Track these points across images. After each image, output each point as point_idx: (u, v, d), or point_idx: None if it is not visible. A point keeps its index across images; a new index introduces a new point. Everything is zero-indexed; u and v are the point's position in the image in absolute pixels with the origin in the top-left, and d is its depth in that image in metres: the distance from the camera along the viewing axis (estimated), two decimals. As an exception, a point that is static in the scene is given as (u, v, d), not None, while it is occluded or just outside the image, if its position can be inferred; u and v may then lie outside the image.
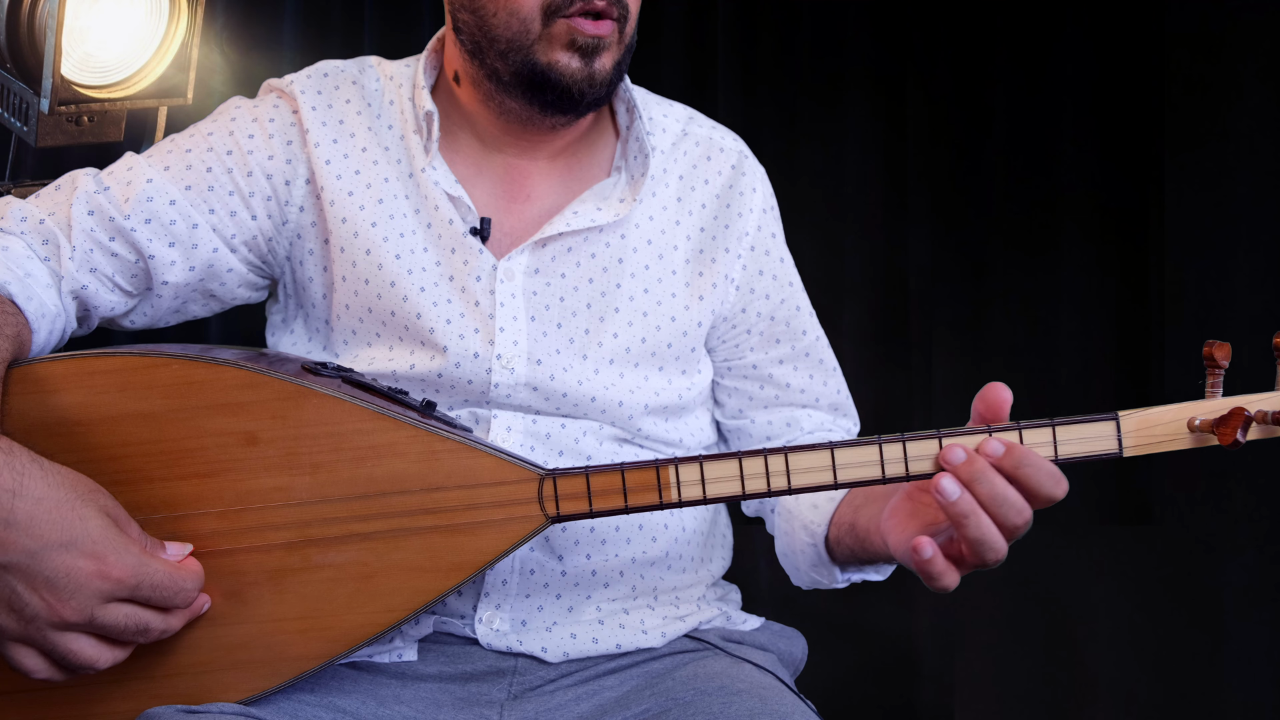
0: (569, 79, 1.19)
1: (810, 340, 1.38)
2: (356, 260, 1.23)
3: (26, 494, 0.96)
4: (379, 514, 1.05)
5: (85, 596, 0.97)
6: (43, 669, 1.00)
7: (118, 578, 0.97)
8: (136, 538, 1.01)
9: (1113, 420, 1.03)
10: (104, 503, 1.00)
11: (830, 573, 1.27)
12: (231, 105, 1.28)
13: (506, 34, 1.19)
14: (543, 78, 1.19)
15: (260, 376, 1.05)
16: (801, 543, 1.28)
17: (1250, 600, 2.24)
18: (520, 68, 1.20)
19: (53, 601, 0.96)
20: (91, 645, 0.99)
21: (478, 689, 1.17)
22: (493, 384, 1.21)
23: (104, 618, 0.98)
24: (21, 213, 1.17)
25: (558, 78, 1.19)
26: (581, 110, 1.23)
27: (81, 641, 0.99)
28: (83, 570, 0.96)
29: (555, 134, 1.27)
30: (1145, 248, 2.30)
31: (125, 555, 0.98)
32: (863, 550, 1.19)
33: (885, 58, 2.39)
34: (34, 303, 1.12)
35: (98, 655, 0.99)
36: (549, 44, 1.18)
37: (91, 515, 0.98)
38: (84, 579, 0.96)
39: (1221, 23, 2.26)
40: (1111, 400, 2.30)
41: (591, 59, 1.19)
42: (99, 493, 1.00)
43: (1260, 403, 1.03)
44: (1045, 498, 1.01)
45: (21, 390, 1.04)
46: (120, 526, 1.00)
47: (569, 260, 1.25)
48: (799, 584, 1.35)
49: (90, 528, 0.97)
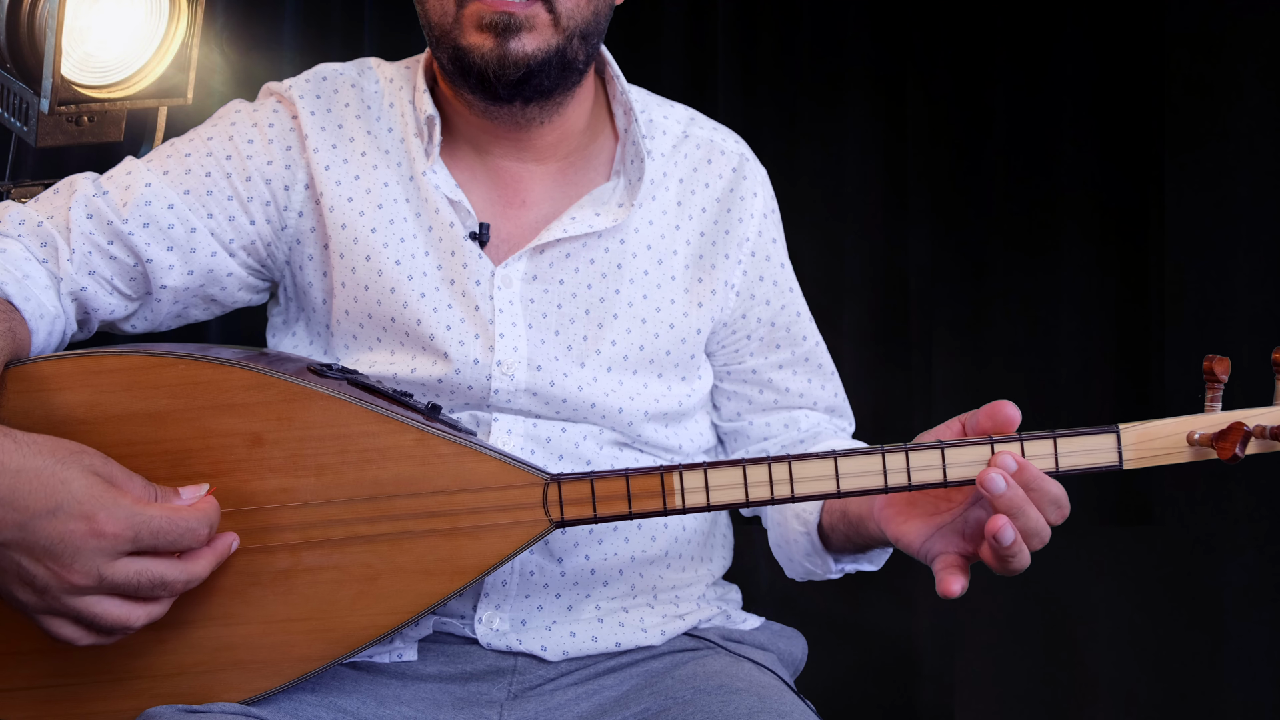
0: (480, 61, 1.16)
1: (810, 345, 1.38)
2: (356, 266, 1.23)
3: (4, 469, 0.94)
4: (384, 516, 1.05)
5: (86, 558, 0.96)
6: (81, 635, 0.99)
7: (113, 532, 0.96)
8: (137, 490, 1.00)
9: (1113, 433, 1.04)
10: (90, 462, 0.98)
11: (824, 562, 1.28)
12: (231, 110, 1.28)
13: (435, 20, 1.19)
14: (464, 62, 1.18)
15: (266, 378, 1.05)
16: (795, 532, 1.28)
17: (1250, 600, 2.24)
18: (451, 55, 1.19)
19: (57, 569, 0.96)
20: (116, 605, 0.98)
21: (478, 689, 1.17)
22: (493, 389, 1.21)
23: (113, 575, 0.97)
24: (20, 216, 1.17)
25: (471, 60, 1.17)
26: (509, 94, 1.19)
27: (105, 603, 0.98)
28: (76, 532, 0.95)
29: (529, 132, 1.25)
30: (1145, 248, 2.30)
31: (115, 509, 0.96)
32: (857, 535, 1.20)
33: (885, 58, 2.39)
34: (32, 303, 1.11)
35: (126, 613, 0.98)
36: (464, 26, 1.17)
37: (74, 477, 0.96)
38: (79, 540, 0.95)
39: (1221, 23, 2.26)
40: (1111, 400, 2.31)
41: (505, 38, 1.15)
42: (83, 453, 0.98)
43: (1259, 417, 1.05)
44: (1047, 519, 1.04)
45: (25, 389, 1.04)
46: (113, 483, 0.98)
47: (567, 266, 1.25)
48: (792, 575, 1.35)
49: (74, 489, 0.96)
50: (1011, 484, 1.01)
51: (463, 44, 1.17)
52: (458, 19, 1.17)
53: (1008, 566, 1.02)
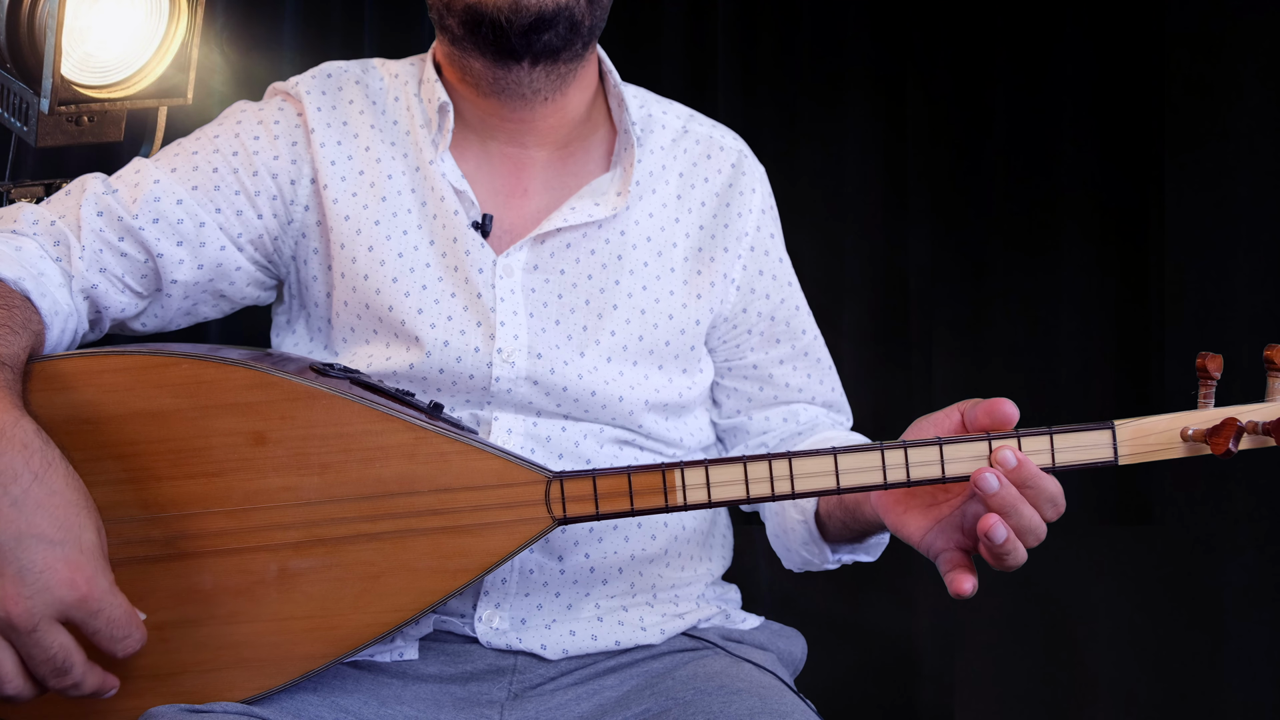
0: (494, 9, 1.16)
1: (809, 340, 1.39)
2: (358, 256, 1.23)
3: (46, 483, 0.96)
4: (386, 515, 1.06)
5: (44, 602, 0.95)
6: None
7: (85, 594, 0.96)
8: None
9: (1109, 429, 1.05)
10: (99, 523, 1.00)
11: (821, 551, 1.28)
12: (237, 109, 1.29)
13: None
14: (476, 15, 1.18)
15: (269, 377, 1.06)
16: (792, 520, 1.28)
17: (1250, 600, 2.24)
18: (462, 14, 1.19)
19: (11, 592, 0.95)
20: (11, 662, 0.97)
21: (478, 689, 1.18)
22: (494, 378, 1.21)
23: (44, 636, 0.95)
24: (33, 216, 1.19)
25: (484, 10, 1.17)
26: (527, 48, 1.19)
27: (4, 653, 0.96)
28: (57, 573, 0.95)
29: (533, 109, 1.25)
30: (1145, 248, 2.31)
31: (100, 578, 0.98)
32: (853, 520, 1.20)
33: (885, 58, 2.39)
34: (48, 300, 1.13)
35: (11, 676, 0.97)
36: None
37: (90, 529, 0.98)
38: (54, 582, 0.95)
39: (1221, 23, 2.26)
40: (1111, 400, 2.31)
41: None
42: (96, 512, 1.00)
43: (1252, 413, 1.06)
44: (1043, 516, 1.04)
45: (30, 387, 1.05)
46: (105, 556, 0.99)
47: (568, 256, 1.26)
48: (790, 566, 1.36)
49: (85, 537, 0.97)
50: (1005, 483, 1.01)
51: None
52: None
53: (1003, 563, 1.03)
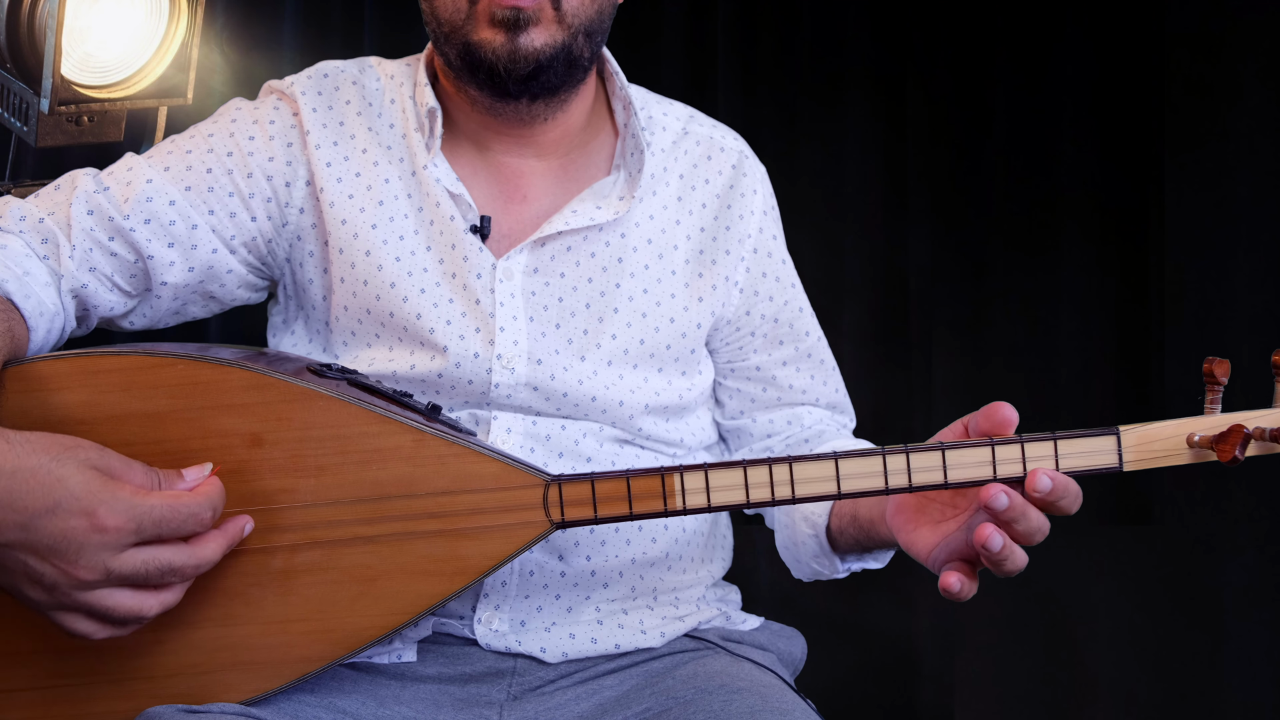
0: (492, 56, 1.17)
1: (812, 341, 1.39)
2: (356, 262, 1.23)
3: (2, 472, 0.94)
4: (384, 517, 1.05)
5: (91, 553, 0.95)
6: (96, 629, 0.98)
7: (113, 526, 0.95)
8: (137, 478, 0.99)
9: (1113, 435, 1.04)
10: (86, 456, 0.97)
11: (832, 563, 1.28)
12: (232, 106, 1.28)
13: (445, 16, 1.20)
14: (474, 57, 1.19)
15: (265, 378, 1.05)
16: (803, 534, 1.28)
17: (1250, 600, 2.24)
18: (461, 51, 1.20)
19: (64, 566, 0.95)
20: (128, 595, 0.97)
21: (477, 690, 1.17)
22: (493, 384, 1.21)
23: (120, 568, 0.96)
24: (21, 212, 1.17)
25: (483, 55, 1.18)
26: (518, 89, 1.20)
27: (116, 595, 0.97)
28: (77, 529, 0.94)
29: (532, 128, 1.25)
30: (1145, 248, 2.30)
31: (115, 503, 0.96)
32: (867, 539, 1.20)
33: (885, 58, 2.39)
34: (32, 301, 1.11)
35: (139, 603, 0.98)
36: (476, 22, 1.18)
37: (71, 473, 0.95)
38: (81, 537, 0.95)
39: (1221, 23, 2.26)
40: (1111, 401, 2.31)
41: (515, 33, 1.17)
42: (79, 447, 0.97)
43: (1259, 420, 1.04)
44: (1063, 512, 1.03)
45: (24, 388, 1.04)
46: (111, 474, 0.97)
47: (568, 260, 1.25)
48: (799, 576, 1.36)
49: (72, 486, 0.95)
50: (1015, 498, 1.00)
51: (474, 39, 1.18)
52: (470, 14, 1.18)
53: (1002, 569, 1.02)
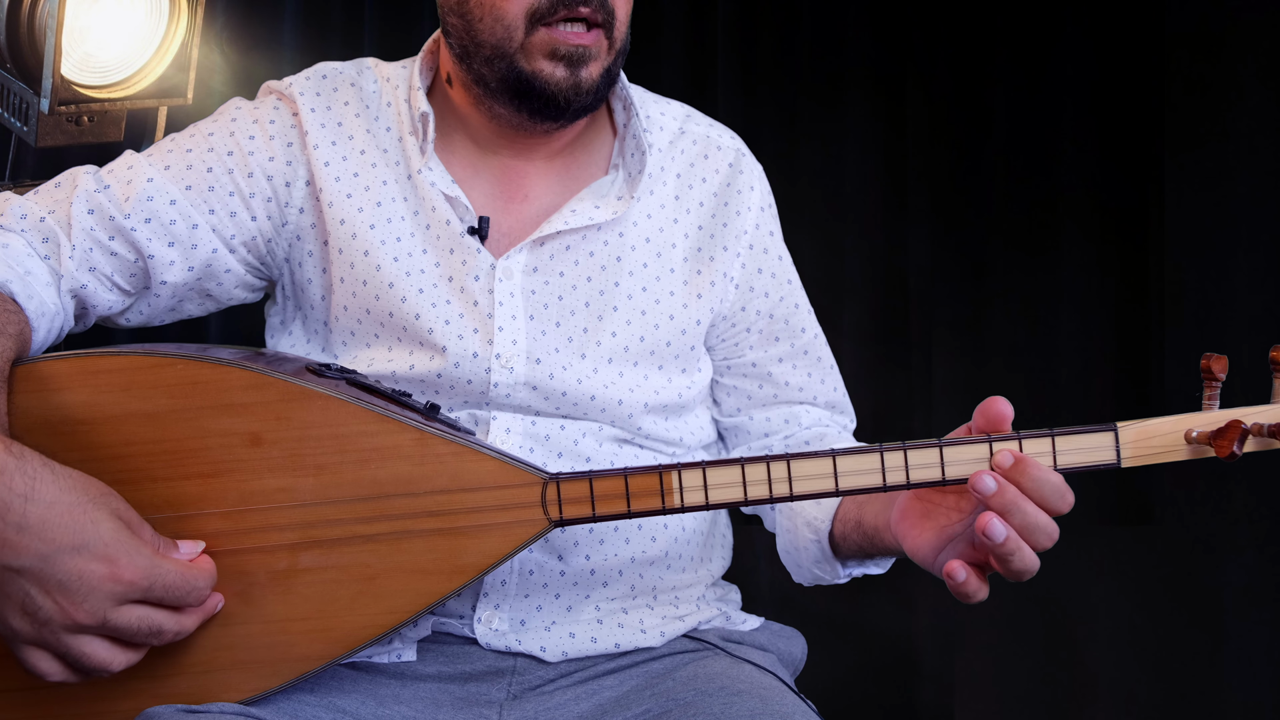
0: (554, 88, 1.19)
1: (809, 338, 1.39)
2: (355, 262, 1.23)
3: (39, 499, 0.96)
4: (382, 516, 1.05)
5: (98, 599, 0.97)
6: (57, 671, 1.00)
7: (130, 580, 0.97)
8: (149, 539, 1.01)
9: (1111, 431, 1.04)
10: (115, 505, 1.00)
11: (834, 568, 1.28)
12: (231, 106, 1.29)
13: (491, 40, 1.20)
14: (527, 85, 1.20)
15: (264, 377, 1.05)
16: (805, 540, 1.28)
17: (1250, 600, 2.24)
18: (505, 74, 1.20)
19: (65, 605, 0.96)
20: (105, 647, 0.99)
21: (477, 689, 1.17)
22: (492, 383, 1.21)
23: (117, 620, 0.98)
24: (21, 210, 1.17)
25: (542, 86, 1.19)
26: (570, 117, 1.24)
27: (95, 644, 0.99)
28: (95, 573, 0.96)
29: (549, 138, 1.27)
30: (1145, 248, 2.30)
31: (137, 557, 0.98)
32: (871, 546, 1.20)
33: (885, 58, 2.39)
34: (34, 301, 1.12)
35: (111, 657, 1.00)
36: (531, 52, 1.19)
37: (103, 519, 0.98)
38: (96, 582, 0.96)
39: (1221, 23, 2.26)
40: (1111, 400, 2.31)
41: (577, 68, 1.19)
42: (110, 495, 1.00)
43: (1256, 415, 1.04)
44: (1052, 510, 1.02)
45: (24, 389, 1.04)
46: (132, 529, 1.00)
47: (567, 259, 1.25)
48: (800, 580, 1.35)
49: (102, 530, 0.97)
50: (1003, 483, 1.00)
51: (528, 69, 1.19)
52: (524, 45, 1.19)
53: (1009, 568, 1.02)
